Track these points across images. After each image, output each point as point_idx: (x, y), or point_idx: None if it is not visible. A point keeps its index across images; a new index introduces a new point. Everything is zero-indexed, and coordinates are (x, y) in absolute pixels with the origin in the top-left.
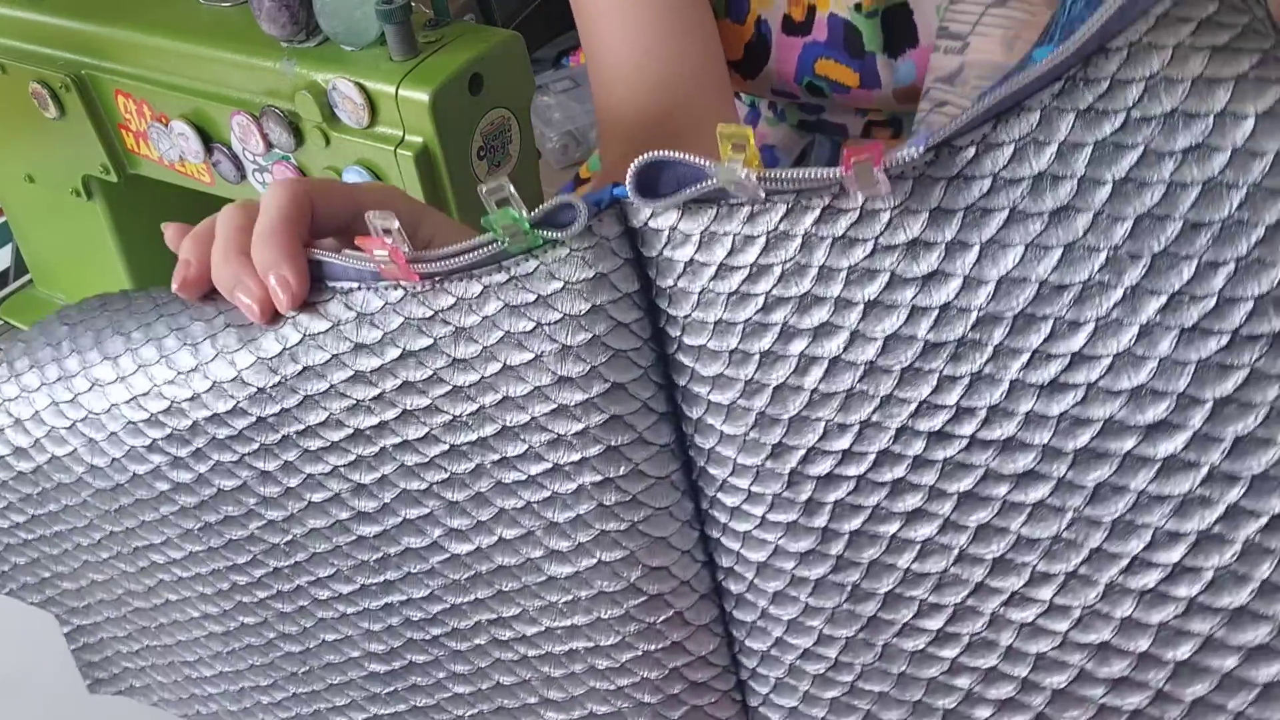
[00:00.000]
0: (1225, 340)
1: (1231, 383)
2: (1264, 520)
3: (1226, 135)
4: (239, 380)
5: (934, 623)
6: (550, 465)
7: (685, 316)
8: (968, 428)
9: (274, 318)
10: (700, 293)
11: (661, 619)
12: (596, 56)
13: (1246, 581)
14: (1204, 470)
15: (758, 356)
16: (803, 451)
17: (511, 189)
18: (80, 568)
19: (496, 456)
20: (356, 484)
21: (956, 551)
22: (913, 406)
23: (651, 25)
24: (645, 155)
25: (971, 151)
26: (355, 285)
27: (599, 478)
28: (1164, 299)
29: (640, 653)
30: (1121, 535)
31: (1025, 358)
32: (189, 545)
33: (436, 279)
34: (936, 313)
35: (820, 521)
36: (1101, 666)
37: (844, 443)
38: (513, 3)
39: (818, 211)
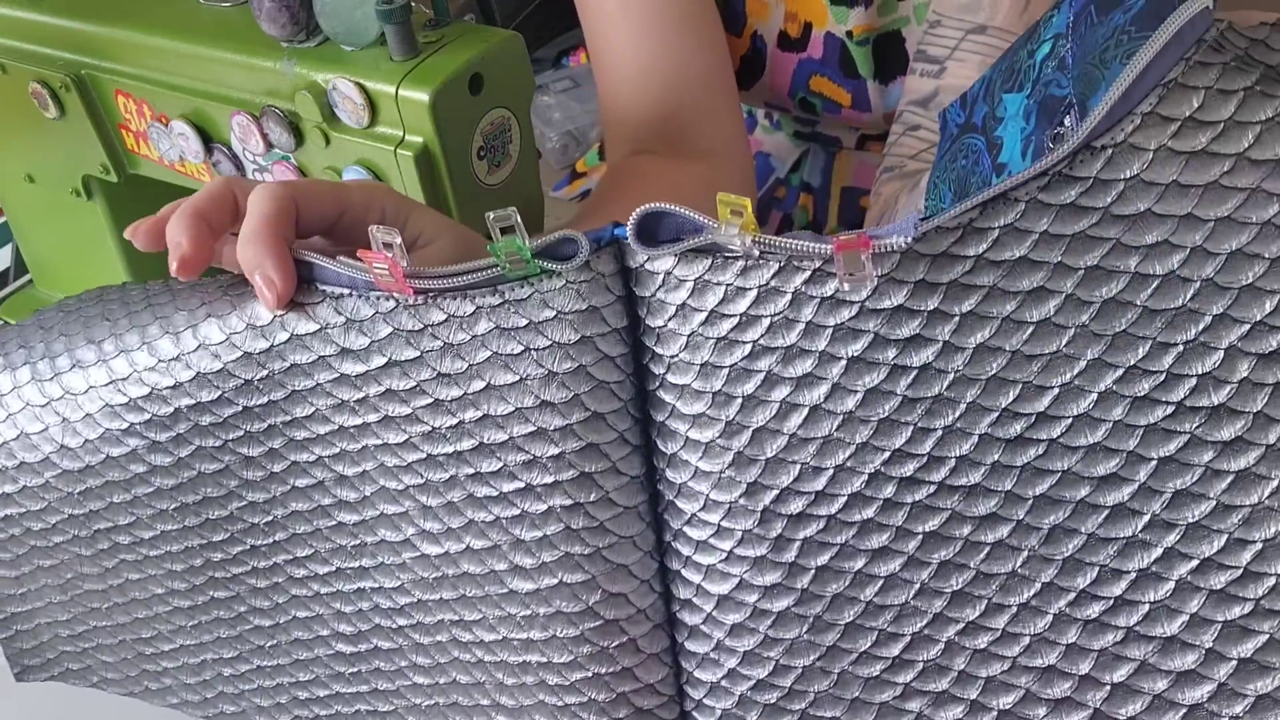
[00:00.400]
0: (1171, 410)
1: (1174, 445)
2: (1195, 563)
3: (1187, 236)
4: (225, 372)
5: (891, 650)
6: (523, 485)
7: (672, 356)
8: (937, 475)
9: (187, 272)
10: (690, 335)
11: (614, 644)
12: (602, 59)
13: (1178, 614)
14: (1146, 518)
15: (740, 399)
16: (776, 491)
17: (517, 218)
18: (26, 553)
19: (471, 471)
20: (340, 475)
21: (918, 585)
22: (886, 454)
23: (658, 29)
24: (646, 206)
25: (958, 234)
26: (347, 291)
27: (569, 501)
28: (1120, 372)
29: (590, 674)
30: (1070, 572)
31: (995, 415)
32: (161, 525)
33: (430, 294)
34: (915, 372)
35: (788, 557)
36: (1046, 688)
37: (818, 484)
38: (513, 3)
39: (808, 273)
